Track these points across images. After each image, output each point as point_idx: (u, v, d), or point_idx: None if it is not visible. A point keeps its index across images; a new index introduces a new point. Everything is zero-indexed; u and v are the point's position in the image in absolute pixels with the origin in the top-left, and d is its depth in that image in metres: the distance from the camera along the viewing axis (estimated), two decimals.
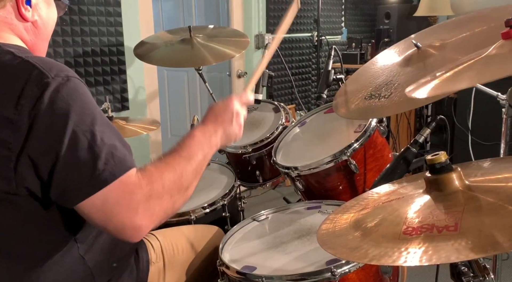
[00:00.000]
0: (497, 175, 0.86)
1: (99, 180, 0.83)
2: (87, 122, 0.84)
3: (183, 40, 2.28)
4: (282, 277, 1.11)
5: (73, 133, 0.82)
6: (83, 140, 0.83)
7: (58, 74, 0.84)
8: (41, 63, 0.85)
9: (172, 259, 1.29)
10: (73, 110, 0.83)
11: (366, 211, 0.90)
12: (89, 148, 0.83)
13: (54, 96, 0.82)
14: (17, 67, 0.85)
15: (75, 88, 0.86)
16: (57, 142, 0.81)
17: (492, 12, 1.26)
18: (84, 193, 0.83)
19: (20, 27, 0.96)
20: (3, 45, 0.91)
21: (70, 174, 0.83)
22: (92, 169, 0.83)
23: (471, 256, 0.65)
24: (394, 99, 1.18)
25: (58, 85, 0.83)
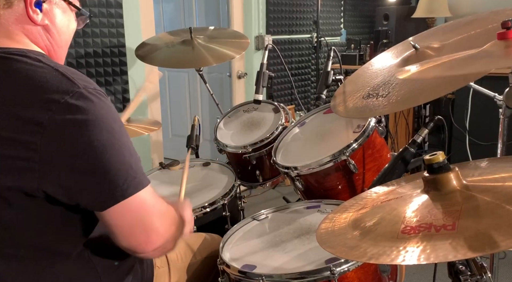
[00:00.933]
0: (494, 175, 0.86)
1: (132, 187, 0.87)
2: (116, 134, 0.87)
3: (184, 41, 2.29)
4: (281, 275, 1.11)
5: (107, 142, 0.85)
6: (116, 150, 0.86)
7: (86, 86, 0.86)
8: (70, 73, 0.87)
9: (176, 263, 1.29)
10: (104, 121, 0.85)
11: (365, 210, 0.91)
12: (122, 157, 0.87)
13: (84, 106, 0.83)
14: (47, 74, 0.86)
15: (102, 100, 0.88)
16: (88, 149, 0.83)
17: (489, 15, 1.27)
18: (118, 197, 0.86)
19: (33, 31, 0.95)
20: (28, 51, 0.91)
21: (103, 181, 0.85)
22: (125, 176, 0.86)
23: (469, 255, 0.65)
24: (392, 98, 1.18)
25: (87, 95, 0.85)
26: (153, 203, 0.93)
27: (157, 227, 0.92)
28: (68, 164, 0.83)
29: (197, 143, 2.00)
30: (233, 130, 2.00)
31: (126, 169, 0.87)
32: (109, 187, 0.85)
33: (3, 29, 0.92)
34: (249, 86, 3.56)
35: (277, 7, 3.59)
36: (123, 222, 0.90)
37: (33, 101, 0.82)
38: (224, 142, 1.90)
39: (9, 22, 0.92)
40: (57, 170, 0.83)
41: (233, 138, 1.95)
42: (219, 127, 2.04)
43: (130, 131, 2.03)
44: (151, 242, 0.92)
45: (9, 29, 0.92)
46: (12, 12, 0.92)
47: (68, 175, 0.84)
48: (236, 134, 1.97)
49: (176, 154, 3.35)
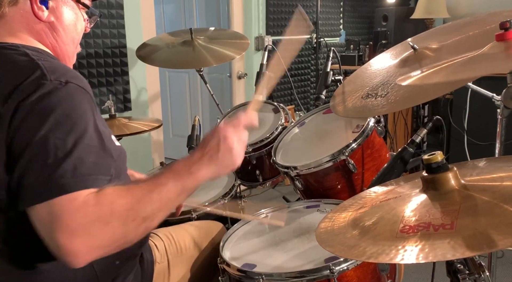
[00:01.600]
0: (492, 175, 0.86)
1: (49, 190, 0.77)
2: (64, 130, 0.81)
3: (185, 42, 2.29)
4: (281, 274, 1.11)
5: (44, 136, 0.79)
6: (51, 146, 0.79)
7: (57, 78, 0.83)
8: (47, 67, 0.85)
9: (176, 258, 1.29)
10: (55, 114, 0.81)
11: (364, 209, 0.91)
12: (53, 155, 0.79)
13: (43, 97, 0.81)
14: (24, 66, 0.86)
15: (69, 93, 0.84)
16: (26, 140, 0.79)
17: (487, 17, 1.27)
18: (33, 199, 0.78)
19: (38, 28, 0.96)
20: (22, 46, 0.91)
21: (27, 176, 0.79)
22: (47, 177, 0.78)
23: (467, 254, 0.65)
24: (391, 98, 1.18)
25: (52, 88, 0.82)
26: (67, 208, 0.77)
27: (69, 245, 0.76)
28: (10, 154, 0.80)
29: (198, 143, 2.00)
30: None
31: (52, 172, 0.78)
32: (29, 185, 0.79)
33: (8, 26, 0.93)
34: (249, 86, 3.56)
35: (277, 8, 3.59)
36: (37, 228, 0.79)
37: None
38: None
39: (15, 19, 0.93)
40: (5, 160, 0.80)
41: None
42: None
43: (132, 127, 2.03)
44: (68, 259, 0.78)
45: (14, 26, 0.93)
46: (17, 9, 0.93)
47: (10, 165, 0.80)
48: None
49: (177, 154, 3.35)
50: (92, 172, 0.81)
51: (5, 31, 0.93)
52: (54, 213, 0.77)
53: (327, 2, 4.05)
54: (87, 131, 0.84)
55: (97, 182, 0.81)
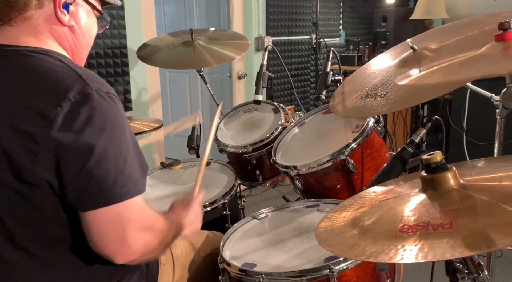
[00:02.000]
0: (491, 174, 0.86)
1: (118, 195, 0.87)
2: (119, 139, 0.88)
3: (185, 42, 2.29)
4: (281, 274, 1.11)
5: (104, 146, 0.85)
6: (111, 155, 0.86)
7: (100, 89, 0.88)
8: (86, 75, 0.89)
9: (180, 260, 1.29)
10: (108, 126, 0.87)
11: (363, 209, 0.91)
12: (114, 164, 0.86)
13: (94, 108, 0.85)
14: (64, 73, 0.89)
15: (113, 106, 0.89)
16: (87, 151, 0.84)
17: (486, 18, 1.27)
18: (101, 202, 0.86)
19: (60, 31, 0.99)
20: (52, 51, 0.95)
21: (90, 182, 0.85)
22: (113, 183, 0.86)
23: (466, 253, 0.65)
24: (390, 98, 1.18)
25: (99, 99, 0.87)
26: (135, 216, 0.90)
27: (132, 242, 0.89)
28: (65, 159, 0.84)
29: (198, 143, 2.00)
30: (234, 130, 2.00)
31: (115, 176, 0.86)
32: (93, 191, 0.86)
33: (32, 28, 0.95)
34: (249, 86, 3.56)
35: (276, 9, 3.59)
36: (99, 228, 0.88)
37: (47, 97, 0.85)
38: (224, 142, 1.90)
39: (39, 22, 0.96)
40: (55, 163, 0.85)
41: (234, 138, 1.95)
42: (220, 127, 2.04)
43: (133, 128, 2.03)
44: (123, 255, 0.90)
45: (38, 29, 0.96)
46: (42, 12, 0.95)
47: (62, 169, 0.85)
48: (236, 134, 1.97)
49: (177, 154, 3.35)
50: (141, 177, 0.92)
51: (30, 33, 0.95)
52: (124, 215, 0.88)
53: (327, 3, 4.06)
54: (131, 138, 0.92)
55: (144, 186, 0.93)
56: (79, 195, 0.86)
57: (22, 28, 0.94)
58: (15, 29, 0.94)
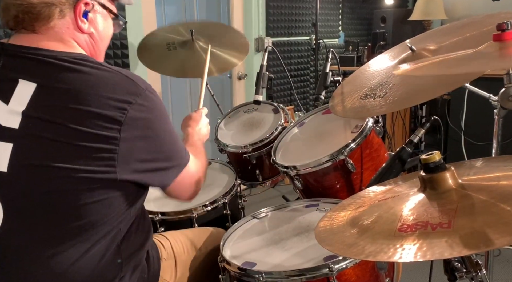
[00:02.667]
0: (489, 174, 0.86)
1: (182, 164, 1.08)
2: (170, 125, 1.04)
3: (185, 42, 2.26)
4: (281, 273, 1.11)
5: (169, 131, 1.03)
6: (175, 136, 1.05)
7: (147, 87, 0.98)
8: (131, 75, 0.98)
9: (182, 256, 1.30)
10: (164, 114, 1.02)
11: (362, 209, 0.91)
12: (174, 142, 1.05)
13: (149, 104, 0.97)
14: (115, 77, 0.95)
15: (158, 99, 1.02)
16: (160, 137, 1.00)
17: (484, 19, 1.27)
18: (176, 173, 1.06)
19: (81, 38, 1.03)
20: (85, 56, 0.99)
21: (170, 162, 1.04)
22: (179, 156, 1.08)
23: (464, 252, 0.65)
24: (389, 99, 1.18)
25: (150, 96, 0.98)
26: (195, 168, 1.14)
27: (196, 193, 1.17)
28: (143, 154, 0.96)
29: None
30: (234, 130, 2.00)
31: (181, 150, 1.08)
32: (173, 166, 1.05)
33: (58, 36, 0.99)
34: (249, 87, 3.56)
35: (276, 10, 3.59)
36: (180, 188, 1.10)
37: (109, 101, 0.91)
38: (224, 142, 1.90)
39: (62, 31, 1.00)
40: (134, 159, 0.95)
41: (234, 138, 1.95)
42: (220, 127, 2.04)
43: None
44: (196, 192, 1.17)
45: (63, 36, 0.99)
46: (65, 21, 0.99)
47: (144, 162, 0.97)
48: (236, 134, 1.97)
49: None
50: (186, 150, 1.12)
51: (56, 39, 0.98)
52: (188, 179, 1.12)
53: (326, 4, 4.06)
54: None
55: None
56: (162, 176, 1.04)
57: (48, 35, 0.98)
58: (40, 36, 0.97)
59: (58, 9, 0.97)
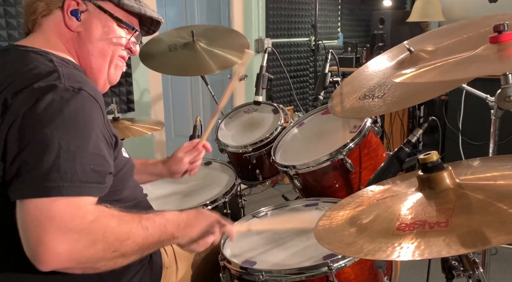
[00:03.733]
0: (486, 174, 0.86)
1: (47, 188, 0.78)
2: (70, 133, 0.82)
3: (186, 44, 2.27)
4: (281, 271, 1.11)
5: (50, 134, 0.80)
6: (55, 145, 0.79)
7: (71, 84, 0.86)
8: (65, 73, 0.88)
9: (183, 260, 1.29)
10: (63, 116, 0.82)
11: (361, 208, 0.91)
12: (55, 155, 0.79)
13: (55, 98, 0.82)
14: (44, 69, 0.90)
15: (79, 100, 0.85)
16: (31, 134, 0.80)
17: (482, 20, 1.27)
18: (27, 193, 0.78)
19: (67, 36, 1.02)
20: (52, 54, 0.97)
21: (26, 168, 0.79)
22: (47, 174, 0.78)
23: (461, 251, 0.65)
24: (387, 99, 1.18)
25: (64, 92, 0.84)
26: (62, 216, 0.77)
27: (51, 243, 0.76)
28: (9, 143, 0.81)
29: None
30: (234, 130, 2.00)
31: (50, 169, 0.78)
32: (24, 180, 0.78)
33: (45, 33, 1.01)
34: (249, 88, 3.56)
35: (276, 12, 3.59)
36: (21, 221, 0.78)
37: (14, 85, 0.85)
38: (225, 142, 1.90)
39: (50, 28, 1.02)
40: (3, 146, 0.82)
41: (234, 138, 1.95)
42: (220, 127, 2.04)
43: (135, 130, 2.03)
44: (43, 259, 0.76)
45: (49, 33, 1.01)
46: (52, 18, 1.01)
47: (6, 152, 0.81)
48: (236, 134, 1.97)
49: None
50: (89, 180, 0.83)
51: (42, 38, 1.01)
52: (47, 212, 0.77)
53: (325, 6, 4.06)
54: (91, 138, 0.85)
55: (91, 189, 0.83)
56: (11, 180, 0.80)
57: (37, 33, 1.02)
58: (33, 35, 1.02)
59: (43, 3, 0.99)
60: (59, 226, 0.77)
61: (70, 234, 0.77)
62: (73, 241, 0.78)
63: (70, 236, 0.77)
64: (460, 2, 3.94)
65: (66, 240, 0.77)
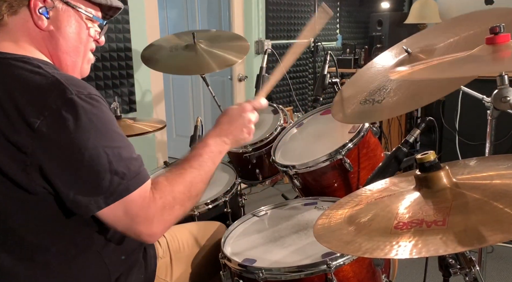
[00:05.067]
0: (482, 173, 0.86)
1: (116, 193, 0.85)
2: (107, 138, 0.86)
3: (187, 46, 2.28)
4: (280, 269, 1.11)
5: (94, 148, 0.84)
6: (103, 155, 0.84)
7: (81, 92, 0.86)
8: (66, 80, 0.86)
9: (178, 254, 1.29)
10: (94, 126, 0.85)
11: (359, 207, 0.91)
12: (108, 163, 0.85)
13: (77, 113, 0.83)
14: (42, 80, 0.86)
15: (95, 105, 0.87)
16: (77, 155, 0.83)
17: (478, 16, 1.26)
18: (98, 206, 0.85)
19: (38, 37, 0.95)
20: (31, 58, 0.92)
21: (87, 184, 0.84)
22: (110, 181, 0.85)
23: (458, 249, 0.65)
24: (387, 105, 1.18)
25: (82, 102, 0.84)
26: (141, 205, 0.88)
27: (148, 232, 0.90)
28: (57, 169, 0.83)
29: None
30: None
31: (109, 177, 0.85)
32: (92, 195, 0.84)
33: (11, 34, 0.93)
34: (249, 88, 3.56)
35: (276, 14, 3.59)
36: (113, 224, 0.90)
37: (30, 106, 0.82)
38: None
39: (17, 28, 0.93)
40: (47, 173, 0.84)
41: None
42: None
43: (137, 128, 2.02)
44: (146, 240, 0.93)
45: (17, 35, 0.93)
46: (18, 18, 0.93)
47: (57, 180, 0.84)
48: None
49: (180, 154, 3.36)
50: (139, 168, 0.90)
51: (8, 39, 0.93)
52: (130, 210, 0.88)
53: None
54: (120, 134, 0.90)
55: (145, 174, 0.91)
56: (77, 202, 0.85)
57: (3, 34, 0.92)
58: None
59: (5, 3, 0.90)
60: (145, 217, 0.89)
61: (155, 218, 0.90)
62: (160, 221, 0.91)
63: (156, 219, 0.91)
64: (456, 4, 3.93)
65: (156, 222, 0.91)
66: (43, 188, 0.85)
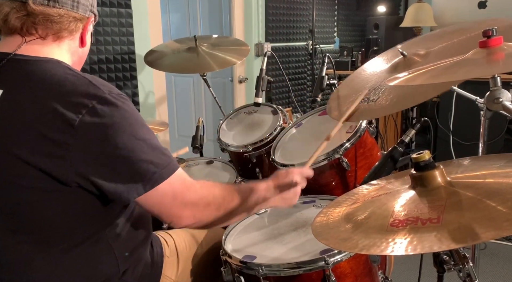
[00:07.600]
0: (476, 172, 0.86)
1: (154, 179, 0.90)
2: (137, 134, 0.90)
3: (189, 48, 2.29)
4: (279, 265, 1.11)
5: (129, 141, 0.87)
6: (138, 147, 0.88)
7: (111, 92, 0.89)
8: (95, 80, 0.90)
9: (184, 253, 1.29)
10: (126, 121, 0.88)
11: (356, 205, 0.91)
12: (144, 154, 0.89)
13: (109, 110, 0.86)
14: (77, 81, 0.89)
15: (125, 103, 0.91)
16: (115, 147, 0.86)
17: (472, 25, 1.27)
18: (138, 193, 0.89)
19: (73, 50, 1.02)
20: (60, 60, 0.96)
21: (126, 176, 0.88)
22: (147, 171, 0.89)
23: (452, 246, 0.65)
24: (382, 103, 1.18)
25: (114, 101, 0.88)
26: (175, 193, 0.93)
27: (181, 214, 0.95)
28: (96, 163, 0.86)
29: (201, 142, 2.00)
30: (235, 130, 2.01)
31: (146, 166, 0.89)
32: (131, 183, 0.88)
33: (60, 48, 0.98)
34: (249, 90, 3.56)
35: (275, 17, 3.59)
36: (150, 208, 0.94)
37: (64, 103, 0.85)
38: (226, 141, 1.90)
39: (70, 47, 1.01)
40: (86, 168, 0.86)
41: (235, 138, 1.95)
42: (222, 128, 2.04)
43: None
44: (175, 224, 0.97)
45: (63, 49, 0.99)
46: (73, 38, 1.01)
47: (97, 173, 0.87)
48: (237, 134, 1.97)
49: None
50: (170, 157, 0.94)
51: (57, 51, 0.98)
52: (168, 194, 0.92)
53: (322, 11, 4.05)
54: (148, 127, 0.94)
55: (175, 162, 0.95)
56: (117, 191, 0.88)
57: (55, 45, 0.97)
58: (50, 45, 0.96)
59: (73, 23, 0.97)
60: (181, 201, 0.95)
61: (189, 203, 0.96)
62: (194, 206, 0.96)
63: (190, 205, 0.96)
64: (451, 8, 3.93)
65: (189, 208, 0.96)
66: (76, 183, 0.87)
